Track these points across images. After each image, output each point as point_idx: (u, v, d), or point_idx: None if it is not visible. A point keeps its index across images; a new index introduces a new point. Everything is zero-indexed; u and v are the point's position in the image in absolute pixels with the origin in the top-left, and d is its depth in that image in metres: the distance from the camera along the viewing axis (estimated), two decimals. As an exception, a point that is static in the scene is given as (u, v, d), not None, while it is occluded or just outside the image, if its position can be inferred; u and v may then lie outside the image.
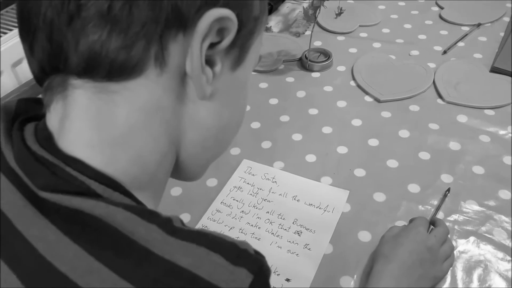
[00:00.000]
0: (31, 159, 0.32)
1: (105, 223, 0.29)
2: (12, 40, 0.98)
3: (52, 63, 0.31)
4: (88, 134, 0.32)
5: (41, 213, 0.30)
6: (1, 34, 0.98)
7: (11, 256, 0.31)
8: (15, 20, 1.01)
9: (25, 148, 0.33)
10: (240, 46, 0.34)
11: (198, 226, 0.71)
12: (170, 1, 0.29)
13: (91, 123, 0.32)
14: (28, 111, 0.37)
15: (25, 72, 1.02)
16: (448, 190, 0.73)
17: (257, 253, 0.32)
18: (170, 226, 0.30)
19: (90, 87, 0.31)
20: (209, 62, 0.33)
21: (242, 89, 0.39)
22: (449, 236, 0.65)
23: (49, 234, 0.30)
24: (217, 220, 0.72)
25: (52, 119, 0.34)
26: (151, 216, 0.30)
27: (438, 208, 0.71)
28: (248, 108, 0.90)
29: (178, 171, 0.39)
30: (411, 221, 0.66)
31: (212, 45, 0.32)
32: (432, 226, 0.66)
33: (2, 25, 1.01)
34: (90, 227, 0.30)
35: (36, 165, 0.31)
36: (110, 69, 0.30)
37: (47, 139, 0.33)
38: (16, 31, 0.98)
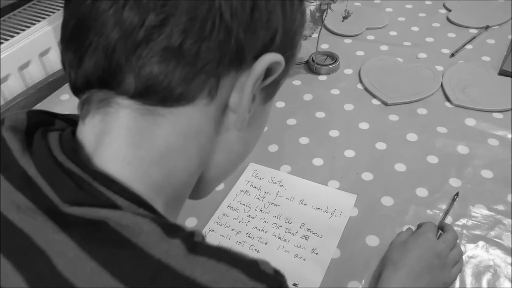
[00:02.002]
0: (58, 171, 0.32)
1: (124, 237, 0.29)
2: (19, 43, 0.99)
3: (104, 80, 0.32)
4: (127, 151, 0.33)
5: (60, 229, 0.30)
6: (8, 38, 0.98)
7: (31, 274, 0.30)
8: (21, 24, 1.01)
9: (52, 158, 0.32)
10: (276, 83, 0.37)
11: (205, 230, 0.71)
12: (236, 43, 0.31)
13: (131, 141, 0.33)
14: (40, 121, 0.37)
15: (32, 75, 1.03)
16: (457, 194, 0.73)
17: (276, 272, 0.32)
18: (191, 241, 0.30)
19: (138, 108, 0.32)
20: None
21: (266, 117, 0.41)
22: (457, 241, 0.64)
23: (68, 251, 0.30)
24: (224, 224, 0.71)
25: (87, 132, 0.34)
26: (175, 231, 0.31)
27: (446, 213, 0.70)
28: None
29: (193, 190, 0.40)
30: (419, 226, 0.66)
31: None
32: (440, 231, 0.65)
33: (7, 29, 1.01)
34: (109, 242, 0.30)
35: (63, 177, 0.31)
36: (166, 97, 0.32)
37: (73, 151, 0.33)
38: (21, 35, 0.99)
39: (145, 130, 0.33)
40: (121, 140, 0.33)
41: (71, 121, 0.38)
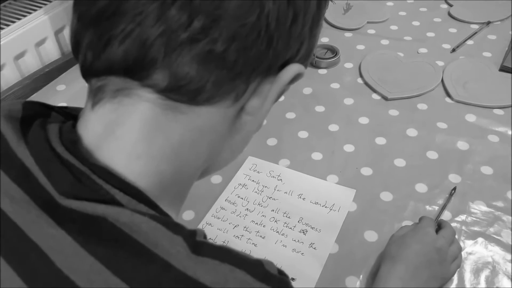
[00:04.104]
0: (55, 162, 0.31)
1: (125, 234, 0.29)
2: (15, 33, 0.97)
3: (132, 70, 0.30)
4: (138, 145, 0.32)
5: (56, 223, 0.29)
6: (4, 27, 0.97)
7: (25, 269, 0.30)
8: (17, 13, 1.00)
9: (50, 149, 0.31)
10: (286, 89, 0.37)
11: (202, 223, 0.70)
12: (274, 54, 0.31)
13: (145, 136, 0.32)
14: (37, 113, 0.35)
15: (28, 65, 1.01)
16: (454, 189, 0.72)
17: (281, 272, 0.31)
18: (194, 240, 0.30)
19: (160, 103, 0.31)
20: None
21: (266, 115, 0.40)
22: (456, 236, 0.64)
23: (65, 246, 0.29)
24: (221, 217, 0.71)
25: (95, 121, 0.33)
26: (177, 228, 0.30)
27: (443, 208, 0.70)
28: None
29: None
30: (420, 219, 0.65)
31: None
32: (437, 227, 0.65)
33: (3, 18, 1.00)
34: (109, 238, 0.29)
35: (60, 168, 0.30)
36: (195, 97, 0.31)
37: (73, 143, 0.32)
38: (17, 24, 0.97)
39: (163, 126, 0.32)
40: (135, 133, 0.32)
41: (68, 115, 0.37)
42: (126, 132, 0.32)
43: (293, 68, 0.34)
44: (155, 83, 0.30)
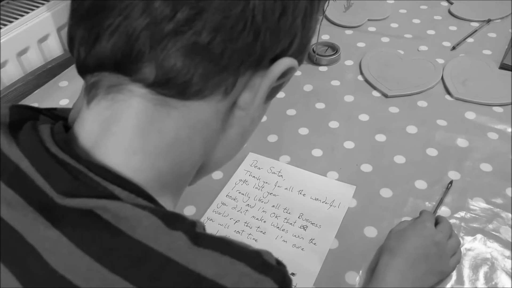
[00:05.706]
0: (52, 162, 0.31)
1: (120, 231, 0.29)
2: (18, 29, 0.98)
3: (121, 65, 0.31)
4: (134, 141, 0.32)
5: (52, 225, 0.30)
6: (7, 23, 0.97)
7: (23, 271, 0.30)
8: (20, 10, 1.00)
9: (45, 149, 0.32)
10: (282, 84, 0.37)
11: (203, 218, 0.70)
12: (261, 46, 0.31)
13: (140, 131, 0.32)
14: (25, 117, 0.35)
15: (30, 62, 1.02)
16: (451, 183, 0.73)
17: (278, 262, 0.31)
18: (194, 232, 0.30)
19: (151, 98, 0.32)
20: None
21: (264, 113, 0.41)
22: (455, 231, 0.65)
23: (61, 247, 0.29)
24: (222, 213, 0.71)
25: (91, 119, 0.33)
26: (177, 221, 0.30)
27: (440, 202, 0.70)
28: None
29: None
30: (420, 213, 0.66)
31: None
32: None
33: (6, 15, 1.00)
34: (104, 236, 0.29)
35: (58, 168, 0.31)
36: (183, 90, 0.31)
37: (67, 143, 0.33)
38: (20, 21, 0.98)
39: (156, 121, 0.32)
40: (130, 129, 0.32)
41: (57, 117, 0.37)
42: (122, 128, 0.32)
43: (284, 62, 0.34)
44: (144, 77, 0.31)
